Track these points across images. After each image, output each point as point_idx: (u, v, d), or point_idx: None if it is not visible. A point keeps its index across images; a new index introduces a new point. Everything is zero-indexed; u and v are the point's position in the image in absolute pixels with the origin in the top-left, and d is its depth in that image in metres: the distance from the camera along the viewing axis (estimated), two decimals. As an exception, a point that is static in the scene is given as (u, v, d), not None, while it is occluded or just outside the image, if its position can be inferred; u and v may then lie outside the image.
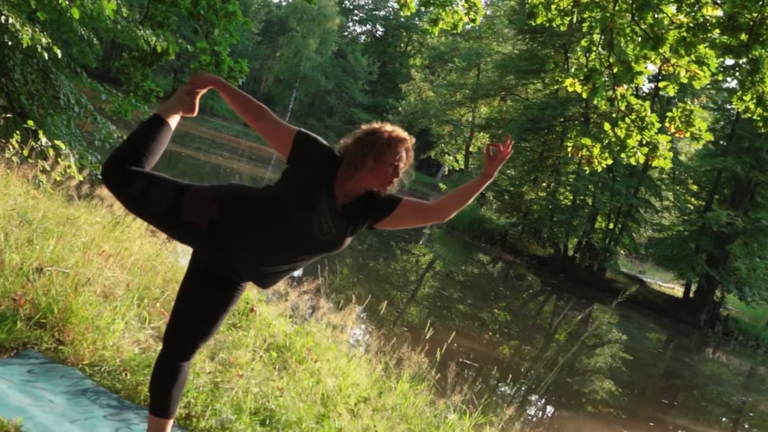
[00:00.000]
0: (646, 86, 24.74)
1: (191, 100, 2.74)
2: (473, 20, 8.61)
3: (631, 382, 13.98)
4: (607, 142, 5.76)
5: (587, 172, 6.23)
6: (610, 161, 5.75)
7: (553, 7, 6.59)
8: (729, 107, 22.84)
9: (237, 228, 2.46)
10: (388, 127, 2.54)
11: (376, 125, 2.57)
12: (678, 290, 26.28)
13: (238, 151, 33.34)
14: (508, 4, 33.14)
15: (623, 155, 5.71)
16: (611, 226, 24.15)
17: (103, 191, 6.09)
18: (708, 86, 22.45)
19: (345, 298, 12.15)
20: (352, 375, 4.57)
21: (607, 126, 5.89)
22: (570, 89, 6.03)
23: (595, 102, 5.92)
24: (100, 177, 2.54)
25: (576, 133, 25.12)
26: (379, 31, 61.88)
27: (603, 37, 6.04)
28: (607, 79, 5.87)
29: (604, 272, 23.59)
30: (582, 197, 23.79)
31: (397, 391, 4.56)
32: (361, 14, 61.79)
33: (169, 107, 2.72)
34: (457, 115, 34.02)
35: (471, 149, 34.70)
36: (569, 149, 5.96)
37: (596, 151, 5.77)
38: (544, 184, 25.02)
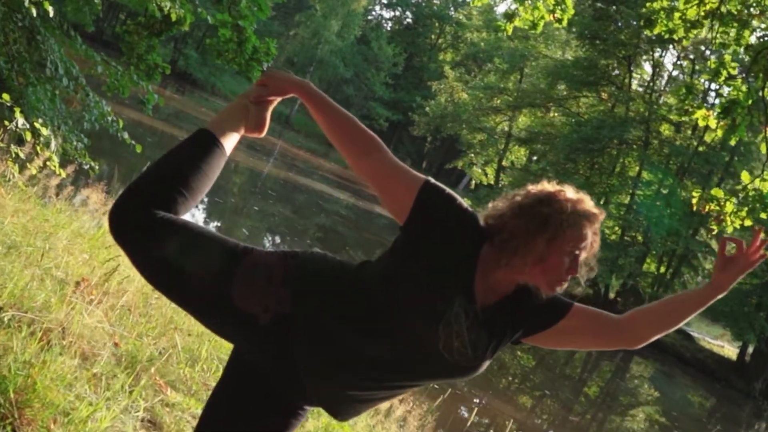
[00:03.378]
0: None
1: (260, 112, 1.98)
2: (559, 20, 7.86)
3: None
4: (743, 196, 4.96)
5: (715, 232, 5.43)
6: (748, 222, 4.94)
7: (677, 15, 5.83)
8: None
9: (317, 329, 1.75)
10: (570, 193, 1.80)
11: (549, 188, 1.82)
12: (729, 349, 25.47)
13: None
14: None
15: (765, 215, 4.90)
16: (663, 269, 23.33)
17: (90, 191, 5.33)
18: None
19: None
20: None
21: (745, 176, 5.09)
22: (701, 123, 5.25)
23: (732, 143, 5.13)
24: (108, 224, 1.76)
25: (632, 159, 24.54)
26: (408, 18, 61.13)
27: (747, 61, 5.25)
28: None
29: (649, 322, 22.75)
30: (633, 234, 23.02)
31: None
32: (390, -3, 61.08)
33: (225, 120, 1.96)
34: (492, 123, 33.28)
35: (504, 163, 33.99)
36: (694, 201, 5.17)
37: (729, 207, 4.96)
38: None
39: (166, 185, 1.78)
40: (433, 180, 1.83)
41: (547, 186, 1.83)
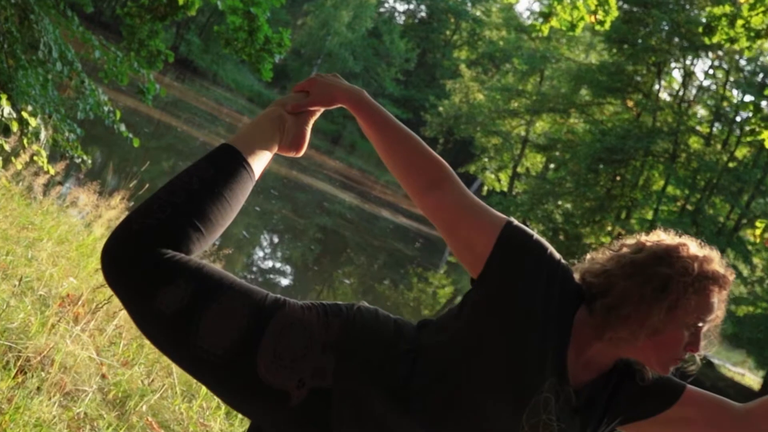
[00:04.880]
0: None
1: (299, 126, 1.66)
2: (601, 22, 7.56)
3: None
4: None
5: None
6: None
7: (740, 23, 5.51)
8: None
9: (364, 411, 1.44)
10: (694, 249, 1.49)
11: (668, 240, 1.52)
12: (750, 378, 25.15)
13: (236, 130, 32.35)
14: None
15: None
16: (685, 291, 22.97)
17: (81, 191, 5.02)
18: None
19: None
20: None
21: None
22: (768, 145, 4.92)
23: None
24: (101, 265, 1.42)
25: (658, 173, 24.18)
26: (423, 12, 60.84)
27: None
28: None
29: (668, 346, 22.45)
30: (654, 252, 22.60)
31: None
32: (404, -11, 60.80)
33: (255, 134, 1.64)
34: (508, 127, 32.96)
35: (519, 170, 33.68)
36: (758, 232, 4.85)
37: (797, 240, 4.63)
38: (609, 229, 23.86)
39: (177, 217, 1.45)
40: (516, 222, 1.51)
41: (665, 237, 1.52)
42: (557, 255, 1.50)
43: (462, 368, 1.41)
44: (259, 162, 1.59)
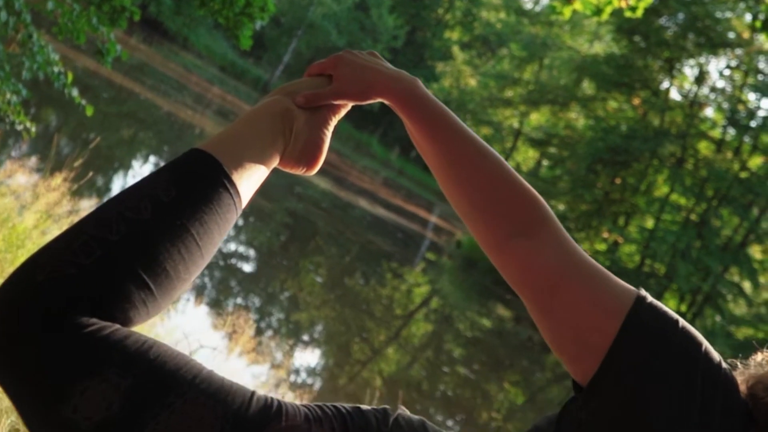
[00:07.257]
0: None
1: (315, 128, 1.16)
2: (633, 9, 7.14)
3: None
4: None
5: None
6: None
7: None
8: None
9: None
10: None
11: None
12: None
13: (204, 101, 31.87)
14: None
15: None
16: (684, 308, 22.90)
17: (17, 165, 4.51)
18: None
19: (308, 319, 10.96)
20: None
21: None
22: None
23: None
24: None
25: (663, 179, 23.98)
26: (414, -14, 60.68)
27: None
28: None
29: (662, 365, 22.45)
30: (654, 263, 22.48)
31: None
32: (396, -39, 60.51)
33: (246, 136, 1.14)
34: (500, 117, 32.78)
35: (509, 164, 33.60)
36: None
37: None
38: (605, 235, 23.67)
39: (111, 263, 0.93)
40: (650, 297, 1.02)
41: None
42: (715, 354, 1.01)
43: None
44: (249, 180, 1.09)
